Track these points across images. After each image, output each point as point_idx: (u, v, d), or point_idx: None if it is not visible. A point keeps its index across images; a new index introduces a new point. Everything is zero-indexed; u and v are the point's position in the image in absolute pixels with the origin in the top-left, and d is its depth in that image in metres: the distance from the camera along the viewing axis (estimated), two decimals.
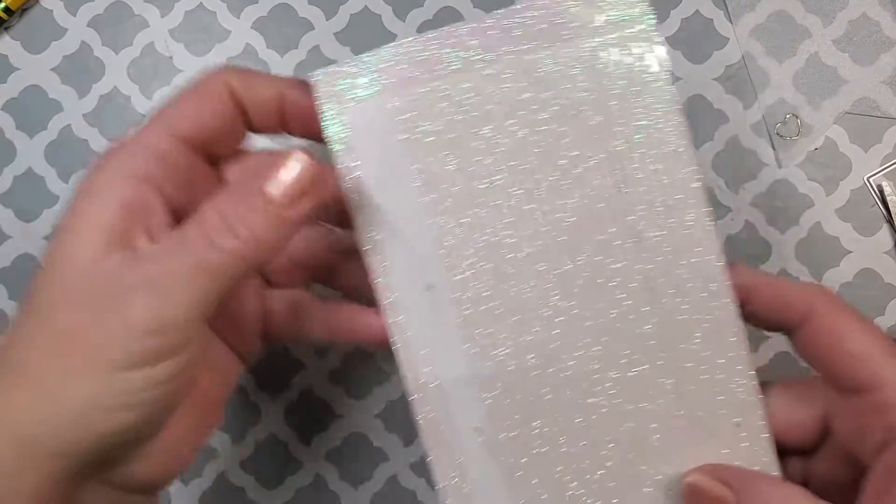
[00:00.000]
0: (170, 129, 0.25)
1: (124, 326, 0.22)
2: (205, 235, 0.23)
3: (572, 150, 0.26)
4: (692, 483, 0.26)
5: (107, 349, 0.22)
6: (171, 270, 0.22)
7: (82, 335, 0.22)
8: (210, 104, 0.25)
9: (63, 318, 0.22)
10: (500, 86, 0.26)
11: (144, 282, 0.22)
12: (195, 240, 0.23)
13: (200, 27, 0.39)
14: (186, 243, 0.23)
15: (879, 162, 0.38)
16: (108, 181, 0.23)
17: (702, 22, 0.38)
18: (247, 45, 0.39)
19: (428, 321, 0.27)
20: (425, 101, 0.26)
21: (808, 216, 0.38)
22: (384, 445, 0.38)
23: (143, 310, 0.22)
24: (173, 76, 0.39)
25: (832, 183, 0.38)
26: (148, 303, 0.22)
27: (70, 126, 0.39)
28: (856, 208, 0.38)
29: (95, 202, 0.23)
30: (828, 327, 0.26)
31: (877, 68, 0.38)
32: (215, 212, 0.23)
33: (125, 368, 0.22)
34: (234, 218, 0.23)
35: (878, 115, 0.38)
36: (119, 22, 0.39)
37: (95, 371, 0.22)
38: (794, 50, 0.38)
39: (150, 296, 0.22)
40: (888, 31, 0.38)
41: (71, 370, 0.22)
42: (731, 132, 0.38)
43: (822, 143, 0.38)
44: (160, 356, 0.22)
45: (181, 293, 0.22)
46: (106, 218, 0.23)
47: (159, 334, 0.22)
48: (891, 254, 0.38)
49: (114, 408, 0.22)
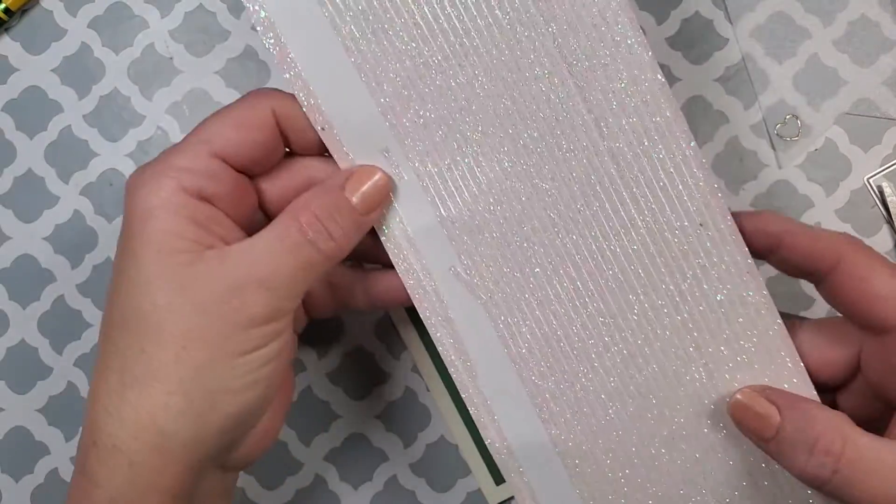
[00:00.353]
0: (213, 150, 0.26)
1: (244, 319, 0.25)
2: (305, 237, 0.26)
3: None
4: (739, 400, 0.28)
5: (230, 341, 0.25)
6: (280, 269, 0.25)
7: (206, 332, 0.25)
8: (253, 133, 0.27)
9: (181, 321, 0.25)
10: None
11: (255, 279, 0.25)
12: (298, 242, 0.26)
13: (200, 28, 0.39)
14: (289, 244, 0.26)
15: (879, 163, 0.38)
16: (167, 197, 0.25)
17: (701, 23, 0.38)
18: (247, 46, 0.39)
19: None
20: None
21: (808, 217, 0.38)
22: (384, 446, 0.38)
23: (259, 305, 0.25)
24: (173, 77, 0.39)
25: (832, 184, 0.38)
26: (263, 297, 0.25)
27: (70, 127, 0.39)
28: (856, 209, 0.38)
29: (160, 215, 0.25)
30: (857, 273, 0.26)
31: (876, 69, 0.38)
32: (311, 214, 0.26)
33: (245, 353, 0.25)
34: (328, 220, 0.26)
35: (877, 116, 0.38)
36: (119, 23, 0.39)
37: (221, 361, 0.25)
38: (794, 51, 0.38)
39: (263, 291, 0.25)
40: (888, 31, 0.38)
41: (201, 364, 0.25)
42: (730, 133, 0.38)
43: (822, 143, 0.38)
44: (272, 337, 0.26)
45: (289, 287, 0.26)
46: (181, 227, 0.25)
47: (272, 321, 0.26)
48: (891, 255, 0.38)
49: (239, 389, 0.25)
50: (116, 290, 0.26)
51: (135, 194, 0.25)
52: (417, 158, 0.28)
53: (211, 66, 0.39)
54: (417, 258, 0.29)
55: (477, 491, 0.38)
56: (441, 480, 0.38)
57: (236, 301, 0.25)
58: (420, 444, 0.38)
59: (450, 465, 0.38)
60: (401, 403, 0.39)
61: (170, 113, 0.39)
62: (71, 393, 0.39)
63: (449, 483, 0.38)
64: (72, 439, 0.39)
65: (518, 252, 0.28)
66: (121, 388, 0.25)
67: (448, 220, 0.28)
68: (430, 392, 0.38)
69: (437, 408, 0.38)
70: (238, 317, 0.25)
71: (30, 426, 0.39)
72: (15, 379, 0.39)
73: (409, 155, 0.28)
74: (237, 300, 0.25)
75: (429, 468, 0.38)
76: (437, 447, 0.38)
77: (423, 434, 0.38)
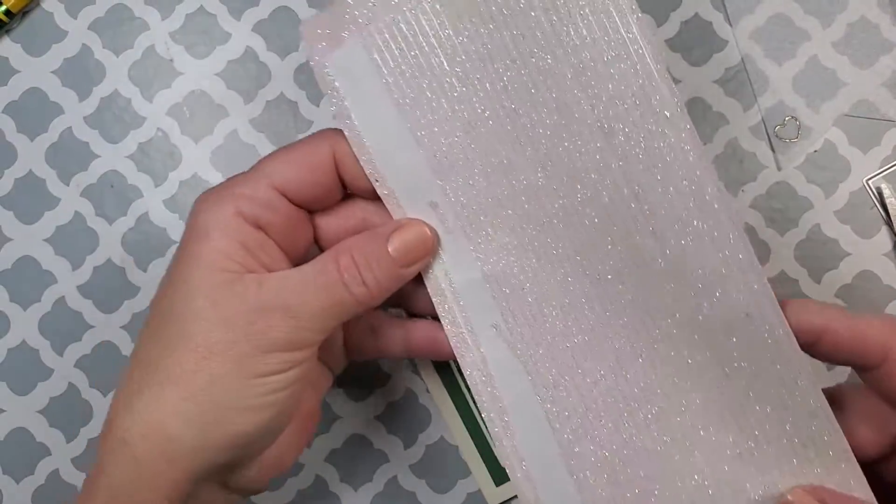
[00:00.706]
0: (273, 183, 0.28)
1: (266, 342, 0.26)
2: (340, 278, 0.27)
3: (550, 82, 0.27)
4: (791, 501, 0.27)
5: (249, 360, 0.26)
6: (309, 302, 0.27)
7: (229, 347, 0.26)
8: (311, 173, 0.28)
9: (209, 333, 0.26)
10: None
11: (283, 307, 0.26)
12: (333, 281, 0.27)
13: (201, 30, 0.39)
14: (323, 281, 0.27)
15: (878, 164, 0.38)
16: (225, 220, 0.27)
17: (701, 24, 0.39)
18: (247, 48, 0.39)
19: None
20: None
21: (808, 218, 0.38)
22: (385, 447, 0.38)
23: (282, 331, 0.26)
24: (174, 79, 0.39)
25: (831, 185, 0.38)
26: (288, 324, 0.26)
27: (71, 128, 0.39)
28: (855, 210, 0.38)
29: (215, 236, 0.27)
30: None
31: (876, 71, 0.38)
32: (350, 258, 0.27)
33: (262, 375, 0.26)
34: (365, 268, 0.27)
35: (877, 118, 0.38)
36: (119, 24, 0.39)
37: (237, 378, 0.26)
38: (794, 52, 0.38)
39: (289, 319, 0.26)
40: (887, 33, 0.38)
41: (217, 377, 0.25)
42: (730, 134, 0.38)
43: (821, 145, 0.38)
44: (290, 365, 0.27)
45: (316, 321, 0.27)
46: (231, 249, 0.27)
47: (293, 350, 0.27)
48: (890, 256, 0.38)
49: (249, 409, 0.26)
50: (162, 295, 0.27)
51: (197, 213, 0.27)
52: (465, 216, 0.29)
53: (211, 68, 0.39)
54: (460, 311, 0.29)
55: (477, 492, 0.38)
56: (441, 481, 0.38)
57: (261, 323, 0.26)
58: (420, 445, 0.38)
59: (450, 466, 0.38)
60: (401, 405, 0.39)
61: (170, 115, 0.39)
62: (71, 394, 0.39)
63: (449, 484, 0.38)
64: (72, 440, 0.39)
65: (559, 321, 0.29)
66: (141, 385, 0.26)
67: (492, 276, 0.29)
68: (430, 393, 0.38)
69: (438, 409, 0.38)
70: (260, 339, 0.26)
71: (31, 427, 0.39)
72: (16, 380, 0.39)
73: (457, 209, 0.29)
74: (262, 322, 0.26)
75: (429, 469, 0.38)
76: (438, 448, 0.38)
77: (423, 435, 0.38)
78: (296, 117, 0.39)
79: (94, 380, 0.39)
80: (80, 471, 0.39)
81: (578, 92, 0.27)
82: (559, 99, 0.27)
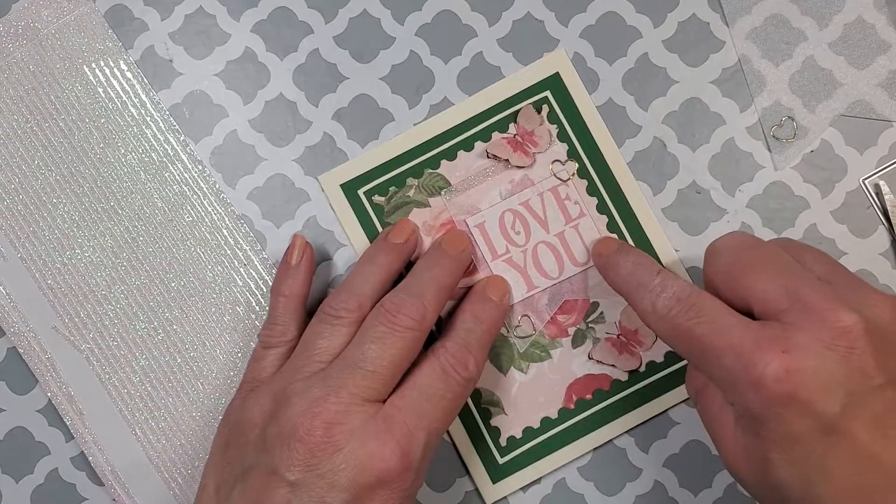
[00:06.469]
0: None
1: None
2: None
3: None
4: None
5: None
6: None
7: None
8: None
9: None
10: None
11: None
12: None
13: (200, 30, 0.39)
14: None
15: (875, 164, 0.38)
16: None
17: (698, 25, 0.39)
18: (246, 49, 0.39)
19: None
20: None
21: (804, 218, 0.38)
22: None
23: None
24: (173, 79, 0.39)
25: (828, 185, 0.38)
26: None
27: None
28: (851, 210, 0.38)
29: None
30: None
31: (872, 71, 0.38)
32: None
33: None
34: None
35: (873, 118, 0.38)
36: (119, 25, 0.39)
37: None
38: (790, 53, 0.38)
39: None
40: (883, 34, 0.38)
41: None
42: (727, 135, 0.38)
43: (817, 145, 0.38)
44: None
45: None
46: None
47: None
48: (886, 255, 0.38)
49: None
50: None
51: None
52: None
53: (211, 69, 0.39)
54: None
55: (474, 490, 0.38)
56: (439, 479, 0.38)
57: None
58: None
59: (447, 465, 0.38)
60: None
61: (170, 115, 0.39)
62: None
63: (447, 482, 0.38)
64: (72, 440, 0.39)
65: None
66: (216, 496, 0.32)
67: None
68: None
69: None
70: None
71: (30, 427, 0.39)
72: (15, 379, 0.39)
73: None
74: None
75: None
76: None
77: None
78: (294, 117, 0.39)
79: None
80: (79, 470, 0.39)
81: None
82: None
